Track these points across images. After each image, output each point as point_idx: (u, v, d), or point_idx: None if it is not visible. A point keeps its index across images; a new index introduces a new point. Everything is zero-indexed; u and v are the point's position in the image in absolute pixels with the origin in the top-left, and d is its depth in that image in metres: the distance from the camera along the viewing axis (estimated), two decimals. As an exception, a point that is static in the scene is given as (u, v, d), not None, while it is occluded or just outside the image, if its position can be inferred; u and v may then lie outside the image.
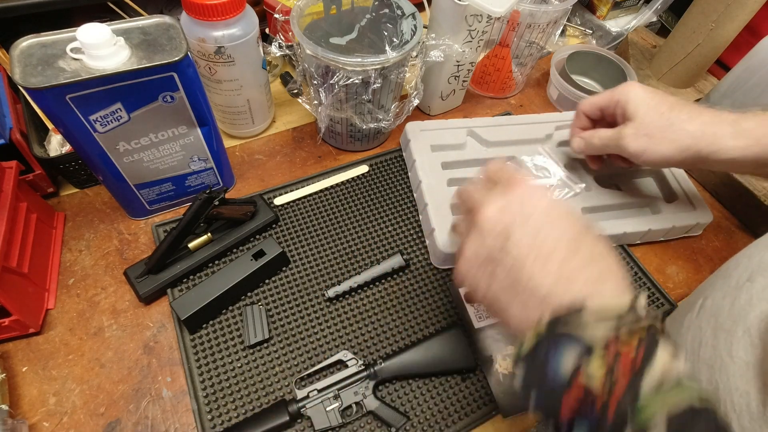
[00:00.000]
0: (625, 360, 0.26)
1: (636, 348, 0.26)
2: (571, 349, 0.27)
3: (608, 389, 0.26)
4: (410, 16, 0.56)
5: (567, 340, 0.27)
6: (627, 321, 0.27)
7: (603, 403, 0.26)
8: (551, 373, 0.27)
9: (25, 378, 0.45)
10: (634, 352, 0.26)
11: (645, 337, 0.27)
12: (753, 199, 0.61)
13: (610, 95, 0.50)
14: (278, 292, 0.52)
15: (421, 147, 0.61)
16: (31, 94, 0.38)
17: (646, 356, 0.26)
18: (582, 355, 0.27)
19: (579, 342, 0.27)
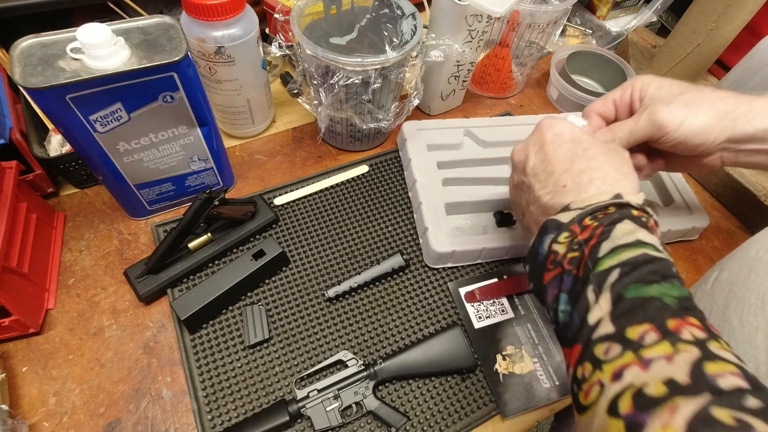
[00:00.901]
0: (587, 231, 0.33)
1: (600, 222, 0.33)
2: (552, 232, 0.36)
3: (574, 255, 0.33)
4: (410, 16, 0.56)
5: (551, 227, 0.36)
6: (599, 207, 0.34)
7: (573, 267, 0.33)
8: (539, 252, 0.36)
9: (25, 378, 0.45)
10: (597, 224, 0.33)
11: (612, 215, 0.33)
12: (753, 199, 0.61)
13: (621, 87, 0.47)
14: (278, 292, 0.52)
15: (417, 146, 0.61)
16: (31, 94, 0.38)
17: (606, 228, 0.33)
18: (557, 232, 0.35)
19: (558, 226, 0.35)
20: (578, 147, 0.39)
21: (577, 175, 0.37)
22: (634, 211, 0.34)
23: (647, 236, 0.32)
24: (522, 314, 0.52)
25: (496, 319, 0.52)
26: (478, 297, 0.52)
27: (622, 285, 0.30)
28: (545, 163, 0.40)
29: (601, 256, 0.32)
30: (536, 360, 0.49)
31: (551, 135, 0.40)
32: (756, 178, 0.62)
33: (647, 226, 0.33)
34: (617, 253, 0.31)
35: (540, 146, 0.41)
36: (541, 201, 0.39)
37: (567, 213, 0.36)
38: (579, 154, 0.38)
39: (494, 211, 0.59)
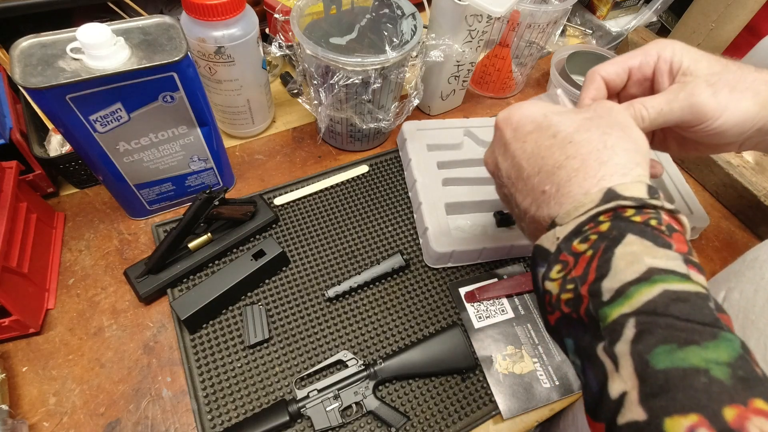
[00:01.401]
0: (581, 263, 0.25)
1: (593, 246, 0.25)
2: (541, 264, 0.28)
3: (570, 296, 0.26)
4: (410, 16, 0.56)
5: (539, 257, 0.28)
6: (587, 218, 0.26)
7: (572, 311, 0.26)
8: (537, 287, 0.29)
9: (25, 378, 0.45)
10: (590, 251, 0.25)
11: (607, 233, 0.25)
12: (753, 199, 0.61)
13: (642, 52, 0.37)
14: (278, 292, 0.52)
15: (417, 146, 0.61)
16: (31, 94, 0.38)
17: (603, 258, 0.25)
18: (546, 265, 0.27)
19: (545, 256, 0.28)
20: (544, 135, 0.31)
21: (554, 173, 0.29)
22: (636, 216, 0.25)
23: (663, 256, 0.24)
24: (522, 314, 0.52)
25: (496, 319, 0.52)
26: (478, 297, 0.52)
27: (646, 347, 0.22)
28: (516, 168, 0.32)
29: (606, 301, 0.24)
30: (536, 360, 0.49)
31: (510, 131, 0.33)
32: (756, 178, 0.62)
33: (660, 234, 0.25)
34: (627, 296, 0.23)
35: (504, 148, 0.34)
36: (528, 214, 0.32)
37: (551, 233, 0.28)
38: (547, 145, 0.30)
39: (494, 211, 0.59)
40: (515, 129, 0.33)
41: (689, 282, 0.23)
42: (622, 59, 0.38)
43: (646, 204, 0.26)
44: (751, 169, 0.63)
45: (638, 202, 0.26)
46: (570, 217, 0.27)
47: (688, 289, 0.23)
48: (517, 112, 0.33)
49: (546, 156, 0.30)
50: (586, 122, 0.30)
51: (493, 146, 0.36)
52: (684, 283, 0.23)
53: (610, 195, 0.26)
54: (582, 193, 0.27)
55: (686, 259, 0.24)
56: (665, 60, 0.36)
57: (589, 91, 0.39)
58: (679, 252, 0.24)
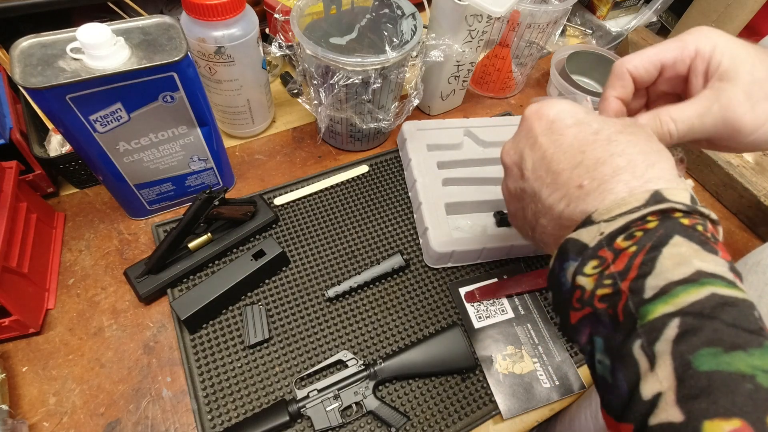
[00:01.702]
0: (622, 258, 0.24)
1: (638, 243, 0.24)
2: (574, 258, 0.27)
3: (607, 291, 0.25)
4: (410, 16, 0.56)
5: (573, 251, 0.27)
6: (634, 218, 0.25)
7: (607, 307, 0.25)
8: (561, 283, 0.28)
9: (25, 378, 0.45)
10: (635, 247, 0.24)
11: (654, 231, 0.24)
12: (753, 199, 0.61)
13: (680, 45, 0.33)
14: (278, 292, 0.52)
15: (417, 146, 0.61)
16: (31, 94, 0.38)
17: (649, 256, 0.24)
18: (581, 260, 0.26)
19: (580, 250, 0.26)
20: (586, 130, 0.29)
21: (595, 168, 0.28)
22: (684, 219, 0.25)
23: (711, 261, 0.23)
24: (522, 314, 0.52)
25: (496, 319, 0.52)
26: (478, 297, 0.52)
27: (689, 348, 0.21)
28: (546, 161, 0.30)
29: (648, 298, 0.23)
30: (536, 360, 0.49)
31: (545, 123, 0.31)
32: (756, 178, 0.62)
33: (707, 240, 0.24)
34: (672, 295, 0.22)
35: (534, 140, 0.32)
36: (554, 211, 0.30)
37: (590, 228, 0.26)
38: (590, 140, 0.29)
39: (494, 211, 0.59)
40: (552, 121, 0.31)
41: (737, 289, 0.23)
42: (655, 51, 0.34)
43: (695, 210, 0.25)
44: (751, 169, 0.63)
45: (687, 207, 0.25)
46: (611, 213, 0.26)
47: (736, 296, 0.22)
48: (556, 106, 0.32)
49: (587, 151, 0.28)
50: (629, 127, 0.29)
51: (518, 138, 0.34)
52: (732, 289, 0.22)
53: (658, 197, 0.25)
54: (627, 192, 0.26)
55: (732, 267, 0.24)
56: (703, 58, 0.32)
57: (615, 89, 0.35)
58: (725, 260, 0.24)
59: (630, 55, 0.35)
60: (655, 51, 0.34)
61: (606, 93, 0.36)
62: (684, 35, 0.33)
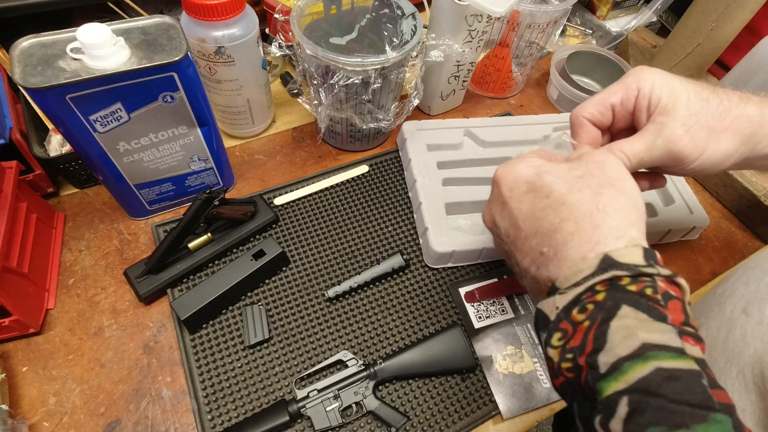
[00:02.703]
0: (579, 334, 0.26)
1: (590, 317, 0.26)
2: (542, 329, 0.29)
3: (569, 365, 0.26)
4: (410, 16, 0.56)
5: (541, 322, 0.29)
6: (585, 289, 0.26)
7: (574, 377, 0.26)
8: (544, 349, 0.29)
9: (25, 378, 0.45)
10: (588, 321, 0.26)
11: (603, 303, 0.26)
12: (753, 199, 0.61)
13: (623, 87, 0.36)
14: (278, 292, 0.52)
15: (417, 146, 0.61)
16: (31, 94, 0.38)
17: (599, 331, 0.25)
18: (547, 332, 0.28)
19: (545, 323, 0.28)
20: (539, 196, 0.31)
21: (550, 236, 0.30)
22: (631, 285, 0.26)
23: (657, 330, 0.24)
24: (522, 314, 0.52)
25: (496, 319, 0.52)
26: (478, 297, 0.52)
27: (638, 427, 0.22)
28: (514, 227, 0.33)
29: (602, 374, 0.24)
30: (536, 360, 0.49)
31: (506, 190, 0.33)
32: (756, 178, 0.62)
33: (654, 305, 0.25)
34: (621, 372, 0.23)
35: (502, 206, 0.34)
36: (529, 273, 0.32)
37: (551, 300, 0.28)
38: (542, 207, 0.31)
39: (494, 211, 0.59)
40: (511, 189, 0.33)
41: (683, 358, 0.23)
42: (603, 97, 0.37)
43: (642, 272, 0.26)
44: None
45: (633, 270, 0.26)
46: (569, 282, 0.27)
47: (681, 367, 0.23)
48: (512, 171, 0.33)
49: (541, 218, 0.30)
50: (578, 181, 0.30)
51: (491, 203, 0.36)
52: (677, 360, 0.23)
53: (607, 262, 0.26)
54: (579, 258, 0.28)
55: (681, 332, 0.24)
56: (644, 95, 0.35)
57: (580, 137, 0.38)
58: (674, 324, 0.25)
59: (582, 103, 0.38)
60: (603, 96, 0.37)
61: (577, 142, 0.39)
62: (624, 77, 0.37)
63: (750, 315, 0.34)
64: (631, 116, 0.37)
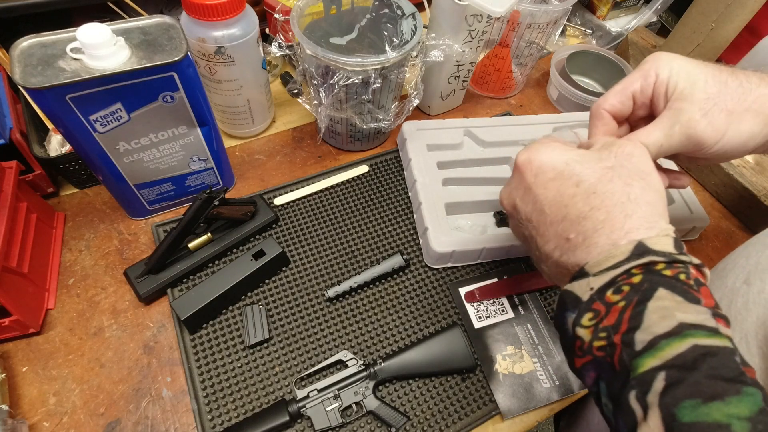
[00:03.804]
0: (613, 313, 0.27)
1: (626, 298, 0.26)
2: (572, 310, 0.29)
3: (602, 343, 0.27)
4: (410, 16, 0.56)
5: (570, 303, 0.29)
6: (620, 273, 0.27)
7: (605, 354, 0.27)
8: (565, 330, 0.30)
9: (25, 378, 0.45)
10: (623, 302, 0.26)
11: (639, 285, 0.26)
12: (753, 199, 0.61)
13: (641, 74, 0.36)
14: (278, 292, 0.52)
15: (417, 146, 0.61)
16: (31, 94, 0.38)
17: (636, 311, 0.26)
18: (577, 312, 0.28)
19: (576, 303, 0.29)
20: (567, 183, 0.31)
21: (579, 223, 0.30)
22: (666, 270, 0.27)
23: (693, 311, 0.25)
24: (522, 314, 0.52)
25: (496, 319, 0.52)
26: (478, 297, 0.52)
27: (673, 400, 0.23)
28: (537, 212, 0.33)
29: (638, 350, 0.25)
30: (536, 360, 0.49)
31: (531, 176, 0.33)
32: (756, 178, 0.62)
33: (689, 289, 0.26)
34: (658, 349, 0.24)
35: (525, 191, 0.34)
36: (551, 258, 0.32)
37: (583, 282, 0.29)
38: (571, 194, 0.31)
39: (494, 211, 0.59)
40: (536, 174, 0.33)
41: (717, 336, 0.24)
42: (624, 86, 0.37)
43: (676, 259, 0.27)
44: (751, 169, 0.63)
45: (669, 257, 0.27)
46: (601, 266, 0.28)
47: (716, 344, 0.24)
48: (538, 156, 0.33)
49: (569, 205, 0.31)
50: (608, 172, 0.31)
51: (511, 187, 0.36)
52: (712, 338, 0.24)
53: (641, 248, 0.27)
54: (610, 244, 0.28)
55: (714, 313, 0.25)
56: (662, 81, 0.35)
57: (598, 128, 0.38)
58: (708, 306, 0.26)
59: (603, 95, 0.38)
60: (623, 85, 0.37)
61: (591, 131, 0.39)
62: (642, 64, 0.37)
63: (752, 285, 0.34)
64: (650, 103, 0.37)
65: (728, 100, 0.34)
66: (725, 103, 0.34)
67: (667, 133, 0.34)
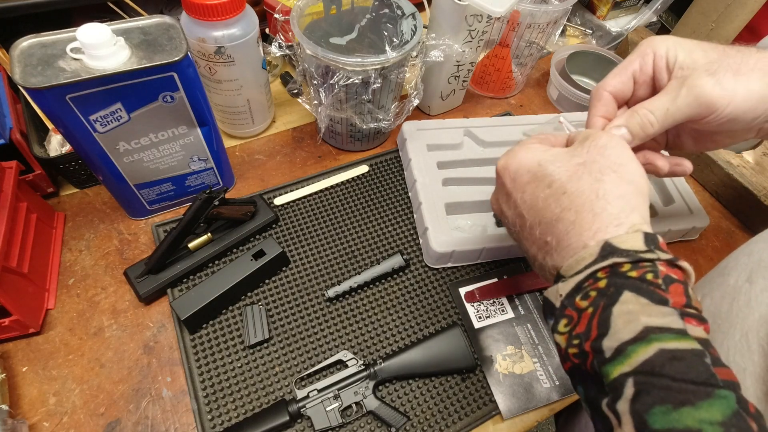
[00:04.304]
0: (583, 320, 0.26)
1: (593, 303, 0.26)
2: (549, 317, 0.29)
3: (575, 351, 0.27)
4: (410, 16, 0.56)
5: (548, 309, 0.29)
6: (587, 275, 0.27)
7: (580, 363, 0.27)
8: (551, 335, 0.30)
9: (25, 378, 0.45)
10: (591, 308, 0.26)
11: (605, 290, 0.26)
12: (753, 199, 0.61)
13: (638, 54, 0.36)
14: (278, 292, 0.52)
15: (417, 146, 0.61)
16: (31, 94, 0.38)
17: (603, 316, 0.25)
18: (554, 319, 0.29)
19: (552, 310, 0.29)
20: (541, 185, 0.31)
21: (553, 225, 0.30)
22: (632, 271, 0.26)
23: (658, 314, 0.24)
24: (522, 314, 0.52)
25: (496, 319, 0.52)
26: (478, 297, 0.52)
27: (644, 407, 0.23)
28: (520, 216, 0.33)
29: (607, 358, 0.25)
30: (536, 360, 0.49)
31: (509, 181, 0.34)
32: (756, 178, 0.62)
33: (655, 289, 0.25)
34: (625, 356, 0.24)
35: (506, 197, 0.35)
36: (537, 261, 0.33)
37: (555, 289, 0.29)
38: (544, 196, 0.31)
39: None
40: (514, 179, 0.33)
41: (685, 339, 0.24)
42: (623, 67, 0.37)
43: (642, 258, 0.26)
44: (751, 169, 0.63)
45: (633, 257, 0.26)
46: (572, 270, 0.28)
47: (683, 347, 0.23)
48: (514, 160, 0.33)
49: (543, 207, 0.31)
50: (579, 168, 0.30)
51: (497, 193, 0.36)
52: (679, 341, 0.24)
53: (607, 249, 0.27)
54: (581, 246, 0.28)
55: (683, 313, 0.25)
56: (660, 56, 0.35)
57: (598, 110, 0.38)
58: (676, 306, 0.25)
59: (604, 79, 0.38)
60: (622, 65, 0.37)
61: (590, 113, 0.39)
62: (638, 47, 0.37)
63: (754, 283, 0.34)
64: (651, 81, 0.37)
65: (732, 62, 0.33)
66: (729, 65, 0.33)
67: (673, 96, 0.33)
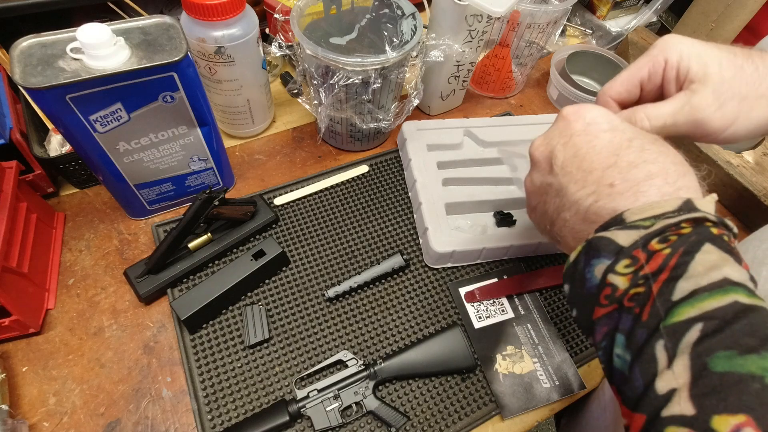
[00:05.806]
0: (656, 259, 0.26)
1: (673, 246, 0.26)
2: (606, 257, 0.28)
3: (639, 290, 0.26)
4: (410, 16, 0.56)
5: (605, 249, 0.28)
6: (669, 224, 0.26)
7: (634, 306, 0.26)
8: (587, 280, 0.29)
9: (25, 378, 0.45)
10: (669, 250, 0.26)
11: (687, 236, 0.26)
12: (753, 199, 0.61)
13: (649, 59, 0.36)
14: (278, 292, 0.52)
15: (417, 146, 0.61)
16: (31, 94, 0.38)
17: (682, 259, 0.25)
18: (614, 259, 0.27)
19: (615, 250, 0.27)
20: (621, 136, 0.31)
21: (628, 171, 0.29)
22: (714, 228, 0.26)
23: (736, 270, 0.25)
24: (522, 314, 0.52)
25: (496, 319, 0.52)
26: (478, 297, 0.52)
27: (707, 350, 0.22)
28: (579, 159, 0.31)
29: (676, 300, 0.24)
30: (536, 360, 0.49)
31: (581, 125, 0.32)
32: (756, 178, 0.62)
33: (732, 250, 0.26)
34: (699, 300, 0.24)
35: (568, 138, 0.33)
36: (581, 205, 0.31)
37: (625, 231, 0.27)
38: (624, 145, 0.30)
39: (494, 211, 0.59)
40: (588, 124, 0.32)
41: (756, 298, 0.24)
42: (631, 73, 0.36)
43: (723, 222, 0.27)
44: (751, 169, 0.63)
45: (717, 218, 0.27)
46: (643, 215, 0.27)
47: (756, 304, 0.24)
48: (594, 110, 0.33)
49: (621, 154, 0.30)
50: (659, 140, 0.31)
51: (552, 134, 0.34)
52: (752, 298, 0.24)
53: (689, 205, 0.27)
54: (659, 195, 0.28)
55: (751, 278, 0.25)
56: (672, 66, 0.34)
57: None
58: (746, 270, 0.26)
59: (609, 82, 0.37)
60: (630, 72, 0.36)
61: None
62: (650, 49, 0.36)
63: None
64: (659, 90, 0.36)
65: (743, 86, 0.33)
66: (739, 89, 0.33)
67: (675, 110, 0.34)
